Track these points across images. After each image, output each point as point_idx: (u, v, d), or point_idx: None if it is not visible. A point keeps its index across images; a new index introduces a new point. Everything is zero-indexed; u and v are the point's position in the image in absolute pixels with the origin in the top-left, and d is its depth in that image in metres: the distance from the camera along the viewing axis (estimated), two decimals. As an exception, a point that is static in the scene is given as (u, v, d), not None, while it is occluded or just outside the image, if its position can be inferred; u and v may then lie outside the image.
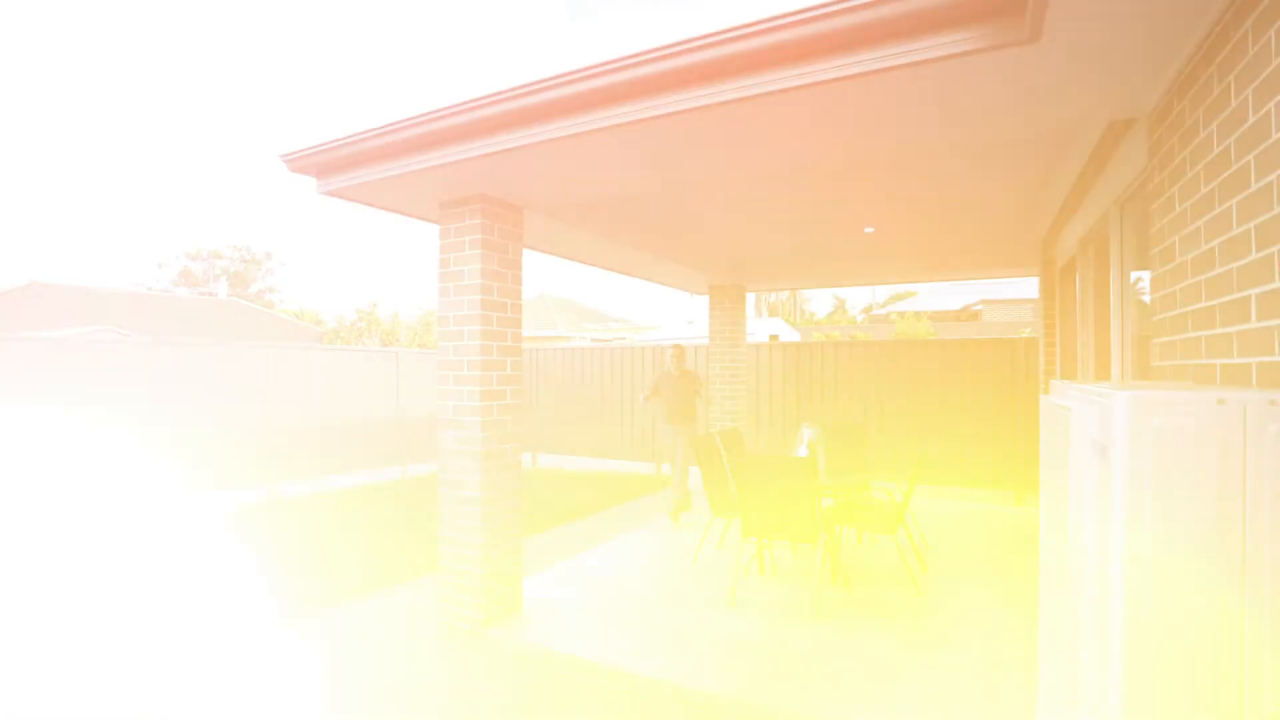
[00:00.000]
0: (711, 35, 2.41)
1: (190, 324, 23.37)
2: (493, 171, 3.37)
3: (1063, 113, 2.61)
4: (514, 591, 4.00)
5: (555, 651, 3.48)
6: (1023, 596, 4.19)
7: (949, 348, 7.74)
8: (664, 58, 2.49)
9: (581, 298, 41.57)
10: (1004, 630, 3.69)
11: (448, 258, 3.88)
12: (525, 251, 5.25)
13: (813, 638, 3.61)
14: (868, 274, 6.97)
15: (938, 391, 7.72)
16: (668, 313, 23.67)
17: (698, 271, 6.69)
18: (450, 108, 3.03)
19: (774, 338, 7.95)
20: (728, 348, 7.82)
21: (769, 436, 8.73)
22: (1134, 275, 3.49)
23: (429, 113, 3.09)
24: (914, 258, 6.70)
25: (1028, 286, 26.22)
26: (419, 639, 3.83)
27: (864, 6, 2.14)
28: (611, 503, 7.58)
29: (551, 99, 2.74)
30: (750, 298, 24.06)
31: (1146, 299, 3.36)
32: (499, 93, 2.86)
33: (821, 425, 5.21)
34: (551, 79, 2.73)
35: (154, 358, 7.20)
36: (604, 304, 42.89)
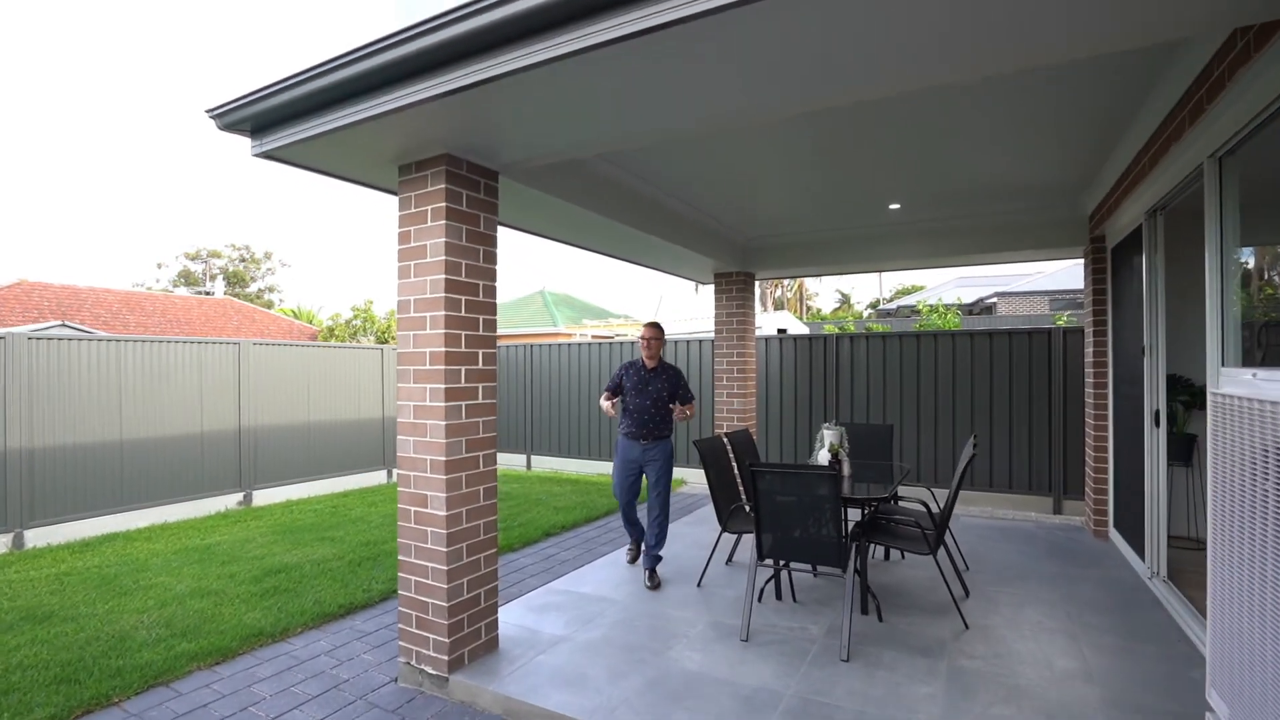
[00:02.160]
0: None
1: (182, 323, 22.87)
2: (459, 120, 2.75)
3: (1173, 11, 1.95)
4: (488, 625, 3.39)
5: (535, 709, 2.87)
6: (1090, 629, 3.56)
7: (979, 339, 7.10)
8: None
9: (582, 294, 41.03)
10: (1079, 674, 3.05)
11: (408, 230, 3.27)
12: (513, 234, 4.68)
13: (846, 687, 2.99)
14: (890, 256, 6.32)
15: (967, 386, 7.08)
16: (670, 310, 23.03)
17: (703, 255, 6.06)
18: (401, 32, 2.42)
19: (782, 332, 7.43)
20: (735, 340, 7.19)
21: (782, 438, 8.10)
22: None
23: (376, 41, 2.47)
24: (941, 238, 6.06)
25: (1046, 279, 25.52)
26: (368, 690, 3.21)
27: None
28: (610, 509, 6.97)
29: (530, 7, 2.11)
30: (755, 294, 23.43)
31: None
32: (461, 5, 2.24)
33: (841, 425, 4.58)
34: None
35: (109, 354, 6.60)
36: (605, 300, 42.29)
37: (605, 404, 4.61)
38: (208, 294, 34.39)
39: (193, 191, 71.17)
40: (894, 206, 5.50)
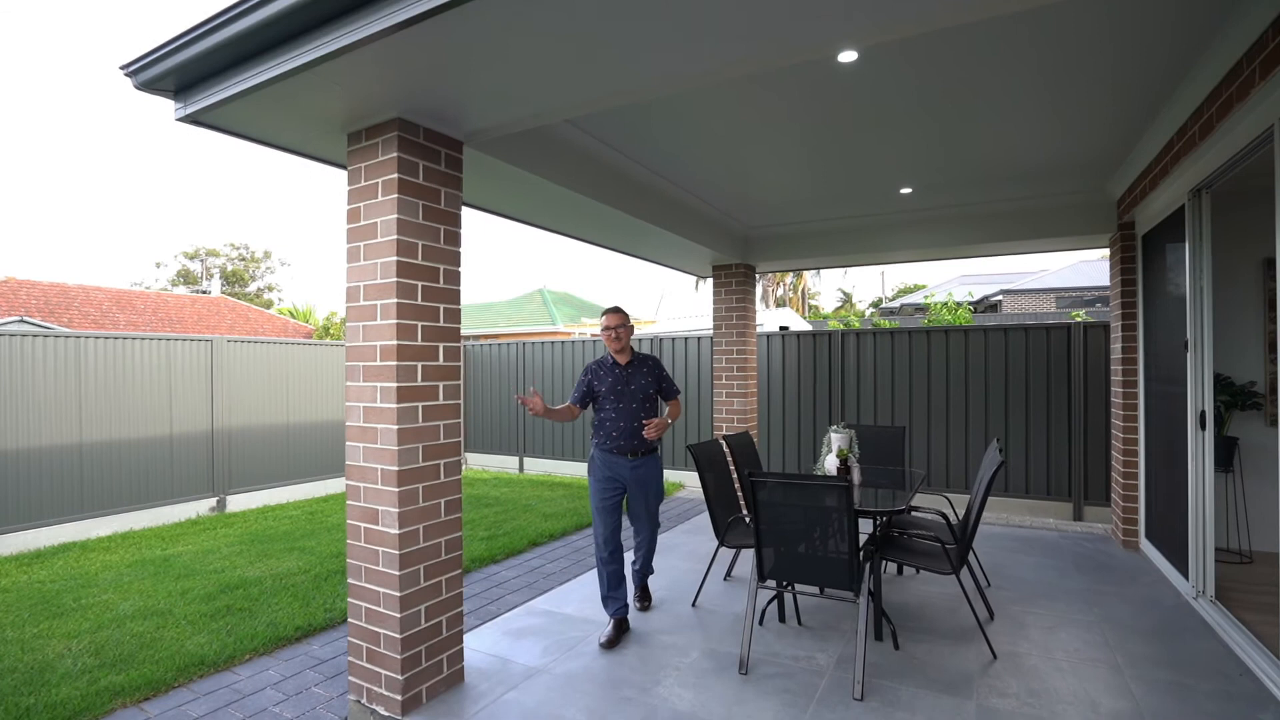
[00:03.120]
0: None
1: (175, 321, 22.51)
2: (412, 72, 2.35)
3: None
4: (451, 657, 2.98)
5: (496, 758, 2.46)
6: (1136, 660, 3.14)
7: (994, 334, 6.68)
8: None
9: (582, 292, 40.61)
10: (1130, 717, 2.64)
11: (357, 207, 2.86)
12: (511, 230, 4.22)
13: (860, 731, 2.58)
14: (900, 246, 5.90)
15: (981, 385, 6.66)
16: (671, 308, 22.65)
17: (701, 245, 5.65)
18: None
19: (784, 329, 7.07)
20: (736, 337, 6.77)
21: (785, 442, 7.68)
22: None
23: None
24: (955, 226, 5.64)
25: (1052, 277, 25.08)
26: (319, 727, 2.81)
27: None
28: (602, 517, 6.55)
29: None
30: (756, 293, 23.07)
31: None
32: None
33: (850, 428, 4.18)
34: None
35: (68, 352, 6.20)
36: (606, 299, 41.86)
37: (534, 401, 3.38)
38: (204, 293, 34.05)
39: (193, 191, 70.84)
40: (905, 191, 5.09)
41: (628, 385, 3.61)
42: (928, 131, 3.95)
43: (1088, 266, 26.42)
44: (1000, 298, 24.88)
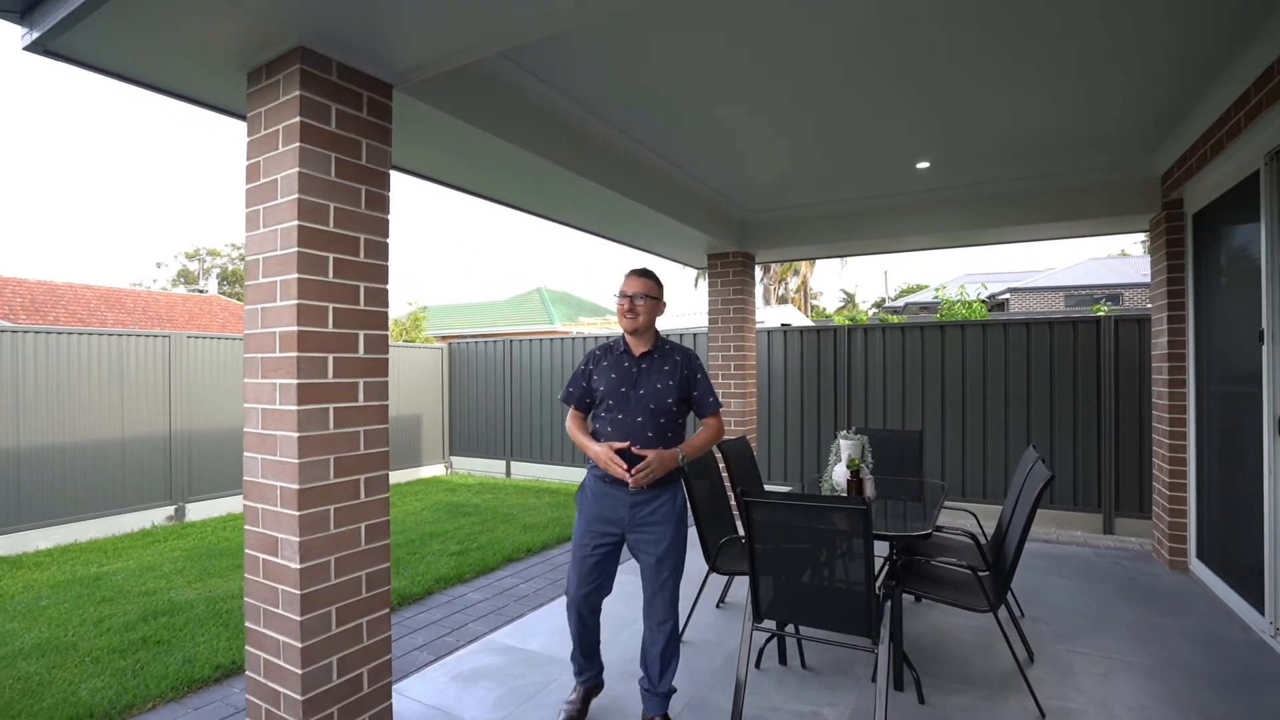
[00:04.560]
0: None
1: (164, 319, 22.04)
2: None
3: None
4: (376, 715, 2.43)
5: None
6: (1204, 705, 2.57)
7: (1014, 329, 6.11)
8: None
9: (580, 291, 40.10)
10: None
11: (256, 162, 2.31)
12: (509, 224, 3.57)
13: (882, 825, 2.02)
14: (915, 231, 5.33)
15: (1000, 385, 6.09)
16: (671, 307, 22.12)
17: (694, 229, 5.09)
18: None
19: (786, 326, 6.57)
20: (733, 332, 6.21)
21: (786, 448, 7.11)
22: None
23: None
24: (976, 207, 5.08)
25: (1061, 274, 24.47)
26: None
27: None
28: (587, 529, 5.99)
29: None
30: (758, 291, 22.51)
31: None
32: None
33: (861, 435, 3.63)
34: None
35: (3, 348, 5.67)
36: (604, 297, 41.29)
37: (576, 433, 2.52)
38: (201, 292, 33.61)
39: (195, 191, 70.52)
40: (922, 165, 4.53)
41: (635, 386, 2.42)
42: (948, 100, 3.41)
43: (1097, 265, 25.82)
44: (1007, 295, 24.28)
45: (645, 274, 2.51)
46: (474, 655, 3.29)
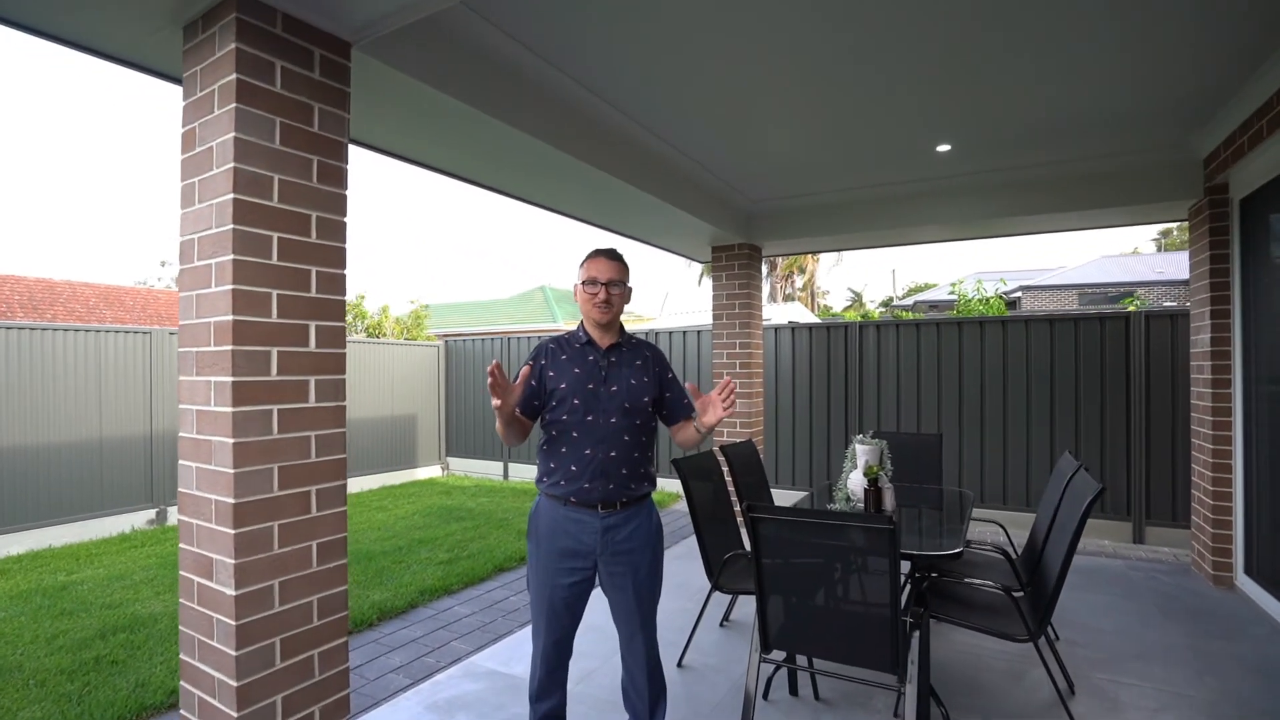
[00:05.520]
0: None
1: (163, 317, 21.91)
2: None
3: None
4: (331, 762, 2.13)
5: None
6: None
7: (1036, 325, 5.77)
8: None
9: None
10: None
11: (192, 129, 2.02)
12: (492, 218, 3.26)
13: None
14: (933, 220, 5.00)
15: (1020, 384, 5.75)
16: (675, 306, 21.85)
17: (697, 218, 4.78)
18: None
19: (793, 324, 6.30)
20: (739, 329, 5.89)
21: (795, 453, 6.79)
22: None
23: None
24: (999, 194, 4.75)
25: (1073, 273, 24.03)
26: None
27: None
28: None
29: None
30: (764, 289, 22.15)
31: None
32: None
33: (879, 439, 3.31)
34: None
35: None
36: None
37: (501, 427, 1.95)
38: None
39: (197, 189, 70.55)
40: (943, 148, 4.20)
41: (605, 383, 2.04)
42: (972, 68, 3.08)
43: (1110, 262, 25.35)
44: (1019, 294, 23.84)
45: (616, 256, 2.10)
46: (453, 681, 2.99)
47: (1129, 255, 27.50)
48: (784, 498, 6.38)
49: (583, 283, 2.06)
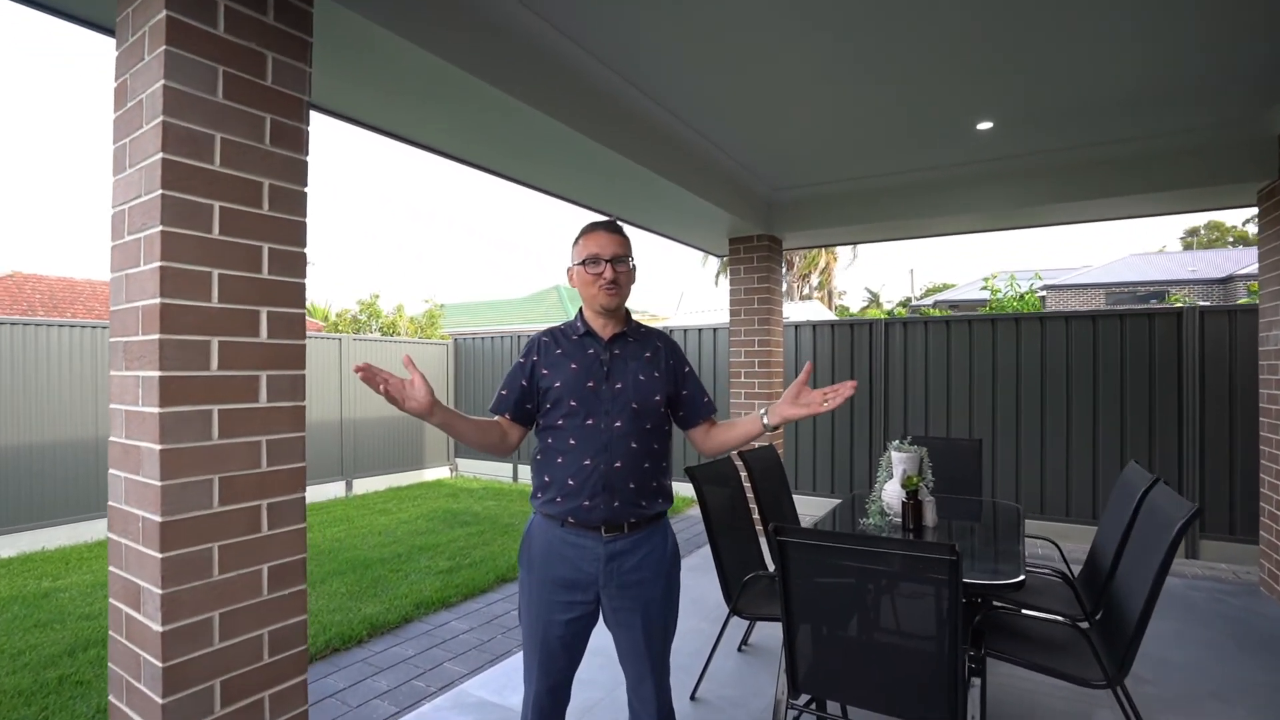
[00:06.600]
0: None
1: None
2: None
3: None
4: (287, 820, 1.83)
5: None
6: None
7: (1078, 323, 5.36)
8: None
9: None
10: None
11: (123, 82, 1.73)
12: (503, 215, 2.96)
13: None
14: (969, 208, 4.62)
15: (1060, 385, 5.35)
16: (691, 305, 21.51)
17: (715, 206, 4.45)
18: None
19: (815, 321, 5.99)
20: (758, 325, 5.55)
21: (816, 460, 6.43)
22: None
23: None
24: (1045, 178, 4.37)
25: (1099, 271, 23.31)
26: None
27: None
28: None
29: None
30: (781, 272, 21.76)
31: None
32: None
33: (919, 446, 2.96)
34: None
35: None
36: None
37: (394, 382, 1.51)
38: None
39: (217, 190, 71.52)
40: (984, 126, 3.83)
41: (608, 379, 1.69)
42: (1018, 37, 2.72)
43: (1139, 260, 24.57)
44: (1044, 293, 23.16)
45: (617, 228, 1.74)
46: (440, 713, 2.68)
47: (1155, 253, 26.65)
48: (805, 504, 6.03)
49: (582, 263, 1.70)
